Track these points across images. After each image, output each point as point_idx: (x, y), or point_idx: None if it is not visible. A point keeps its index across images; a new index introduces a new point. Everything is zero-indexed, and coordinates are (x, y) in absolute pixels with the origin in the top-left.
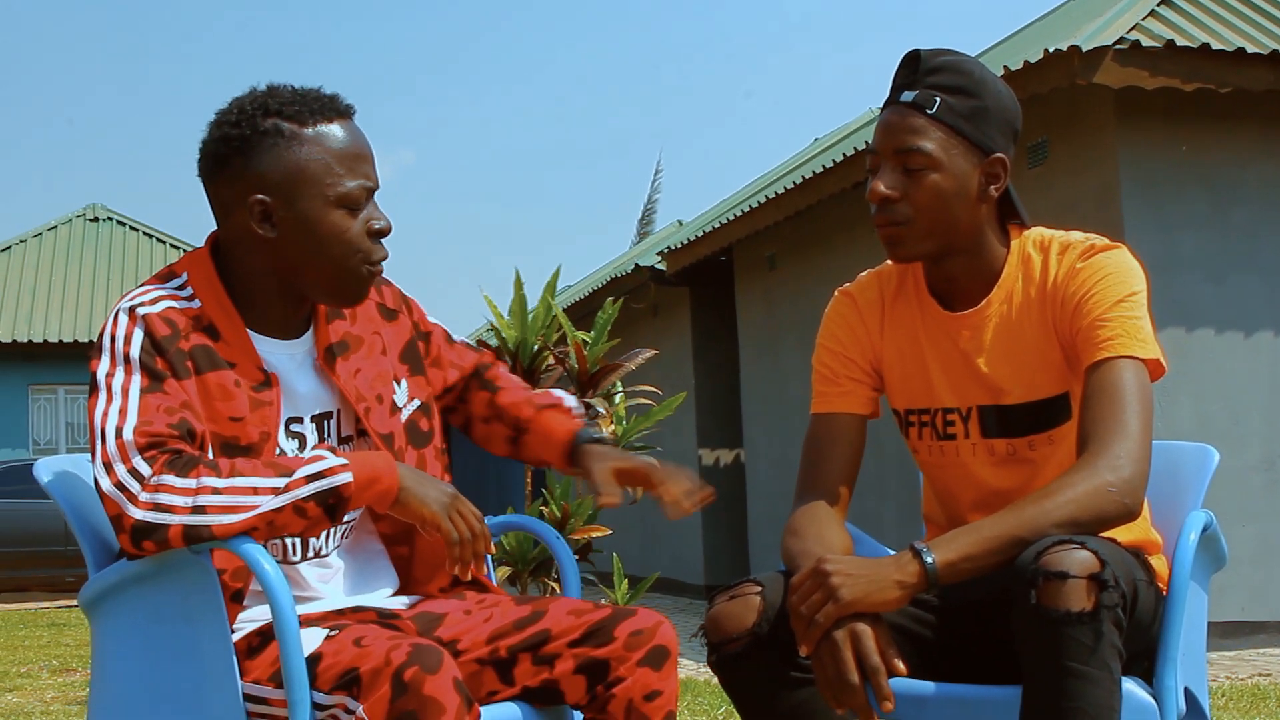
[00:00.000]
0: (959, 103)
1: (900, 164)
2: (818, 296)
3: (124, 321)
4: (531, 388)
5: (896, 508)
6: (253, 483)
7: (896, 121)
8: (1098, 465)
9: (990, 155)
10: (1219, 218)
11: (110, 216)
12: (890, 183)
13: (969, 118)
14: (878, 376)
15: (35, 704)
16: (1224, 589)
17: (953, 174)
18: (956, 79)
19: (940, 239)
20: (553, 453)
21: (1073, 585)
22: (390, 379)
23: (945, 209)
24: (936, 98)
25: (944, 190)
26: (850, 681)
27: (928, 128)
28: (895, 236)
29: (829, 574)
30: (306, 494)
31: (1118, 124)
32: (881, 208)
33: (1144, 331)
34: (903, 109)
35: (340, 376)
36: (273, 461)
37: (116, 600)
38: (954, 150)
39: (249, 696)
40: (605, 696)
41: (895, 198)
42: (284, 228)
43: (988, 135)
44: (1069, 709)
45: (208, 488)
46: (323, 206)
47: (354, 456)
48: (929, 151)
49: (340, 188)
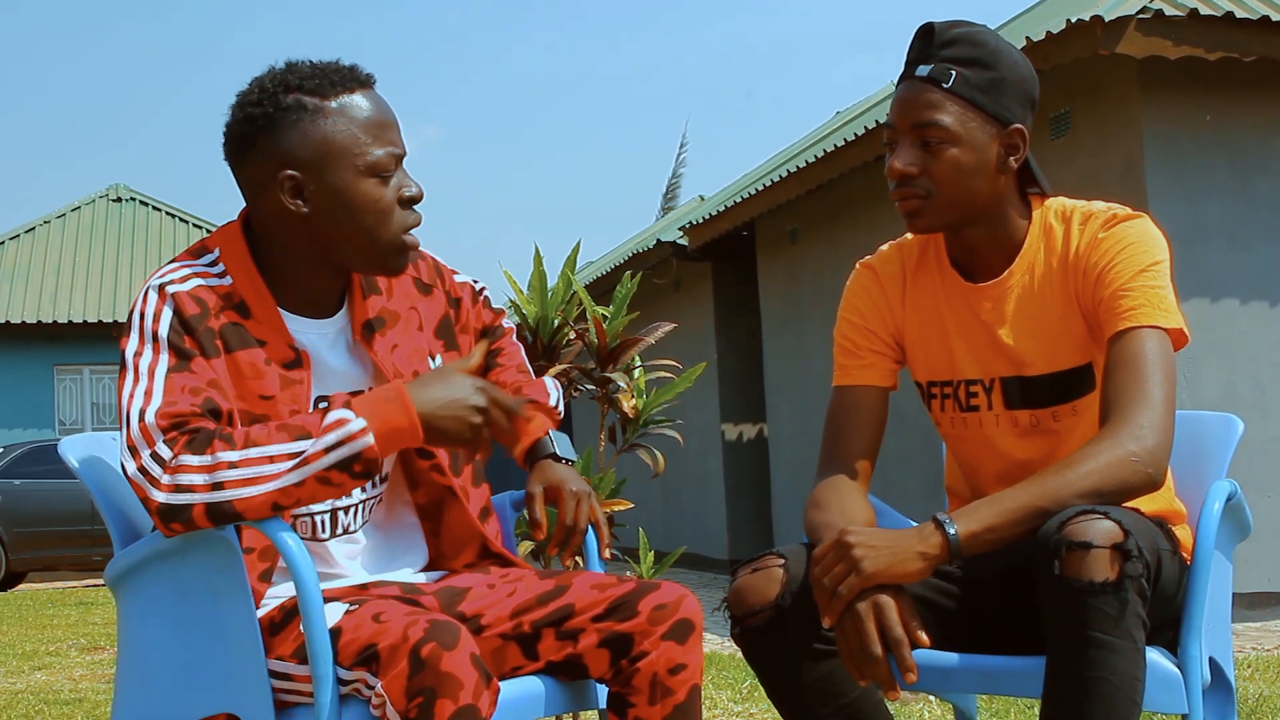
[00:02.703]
0: (975, 75)
1: (918, 139)
2: (840, 270)
3: (153, 299)
4: (529, 368)
5: (920, 479)
6: (268, 451)
7: (913, 96)
8: (1121, 435)
9: (1009, 126)
10: (1244, 187)
11: (133, 197)
12: (909, 158)
13: (985, 90)
14: (899, 349)
15: (64, 682)
16: (1250, 560)
17: (971, 147)
18: (972, 51)
19: (960, 211)
20: (516, 450)
21: (1096, 555)
22: (426, 354)
23: (964, 182)
24: (952, 71)
25: (963, 164)
26: (873, 653)
27: (944, 101)
28: (915, 209)
29: (852, 545)
30: (329, 463)
31: (1141, 94)
32: (901, 183)
33: (1167, 301)
34: (918, 83)
35: (378, 352)
36: (287, 424)
37: (142, 577)
38: (972, 123)
39: (273, 673)
40: (629, 670)
41: (914, 173)
42: (316, 201)
43: (1005, 107)
44: (1093, 679)
45: (223, 462)
46: (353, 177)
47: (372, 407)
48: (946, 125)
49: (369, 156)
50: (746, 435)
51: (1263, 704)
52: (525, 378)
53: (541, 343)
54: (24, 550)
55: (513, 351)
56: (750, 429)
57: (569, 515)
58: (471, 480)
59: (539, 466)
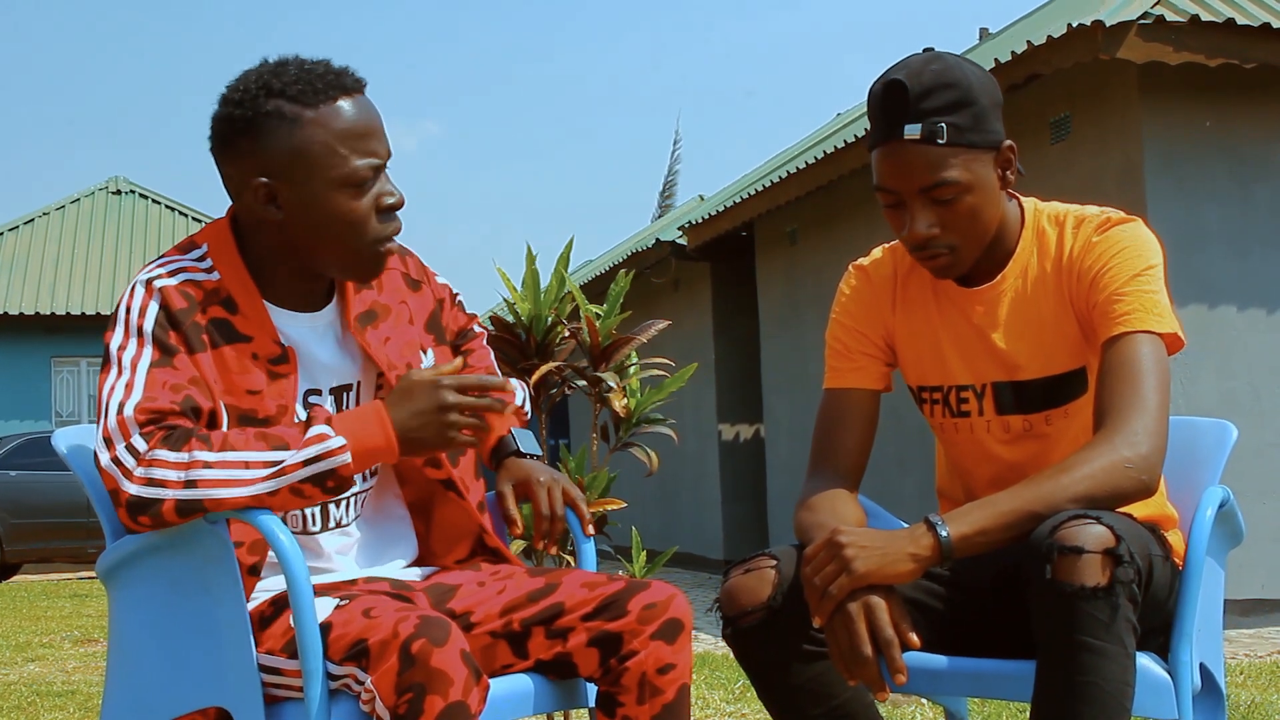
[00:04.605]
0: (962, 118)
1: (929, 199)
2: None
3: (140, 294)
4: (497, 370)
5: (916, 483)
6: (244, 457)
7: (911, 160)
8: (1115, 441)
9: (1000, 146)
10: (1243, 193)
11: (132, 189)
12: (927, 221)
13: (974, 128)
14: (891, 352)
15: (57, 674)
16: (1244, 566)
17: (980, 186)
18: (950, 95)
19: (983, 248)
20: (482, 450)
21: (1088, 560)
22: (418, 348)
23: (983, 222)
24: (941, 124)
25: (978, 206)
26: (863, 654)
27: (946, 157)
28: (945, 265)
29: (843, 546)
30: (303, 477)
31: (1141, 99)
32: (924, 246)
33: (1161, 305)
34: (911, 145)
35: (371, 344)
36: (266, 434)
37: (133, 569)
38: (974, 164)
39: (263, 667)
40: (618, 669)
41: (938, 234)
42: (289, 210)
43: (992, 130)
44: (1083, 683)
45: (199, 461)
46: (325, 190)
47: (351, 426)
48: (957, 180)
49: (343, 169)
50: (743, 436)
51: (1254, 710)
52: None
53: (534, 340)
54: (19, 542)
55: (482, 354)
56: (747, 429)
57: (544, 504)
58: (472, 473)
59: (505, 465)
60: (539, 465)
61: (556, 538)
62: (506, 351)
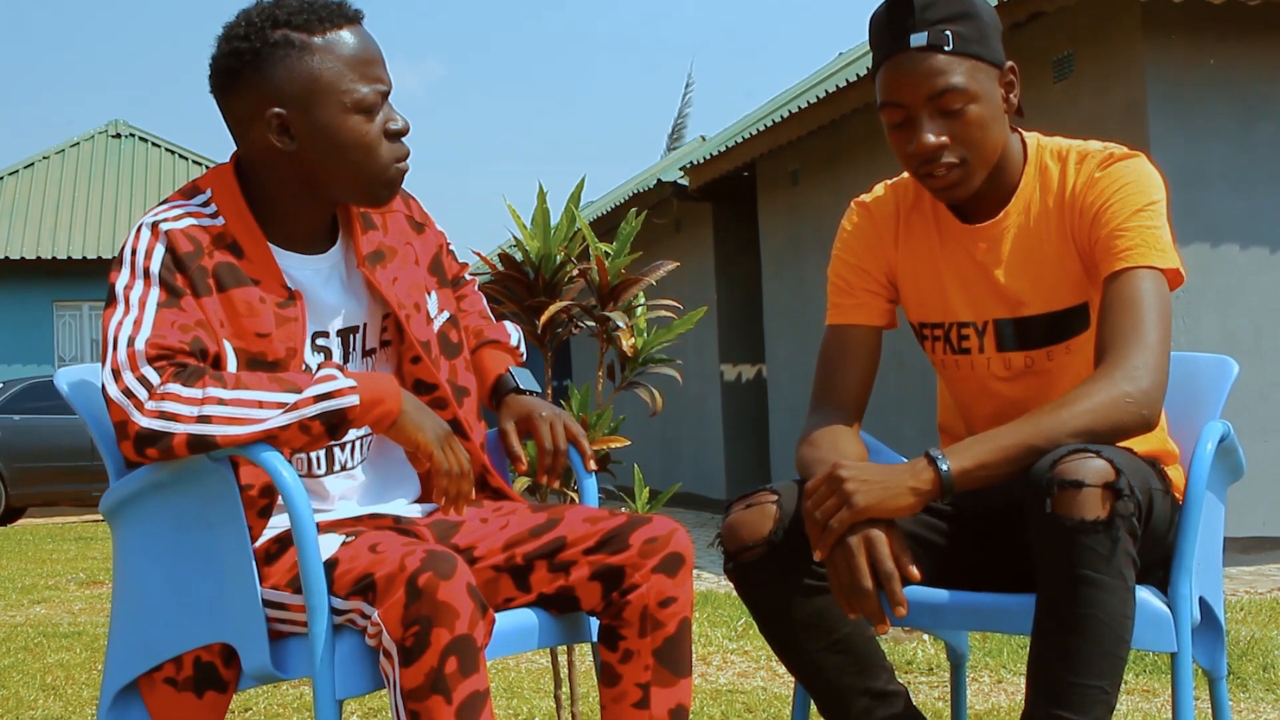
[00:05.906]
0: (966, 28)
1: (937, 109)
2: (841, 212)
3: (146, 236)
4: (490, 314)
5: (917, 423)
6: (258, 396)
7: (919, 68)
8: (1115, 376)
9: (1003, 66)
10: (1246, 132)
11: (133, 133)
12: (936, 130)
13: (979, 40)
14: (893, 289)
15: (63, 615)
16: (1245, 504)
17: (986, 99)
18: (954, 6)
19: (990, 167)
20: (481, 391)
21: (1088, 493)
22: (424, 289)
23: (990, 137)
24: (947, 31)
25: (985, 119)
26: (864, 587)
27: (952, 64)
28: (954, 180)
29: (844, 480)
30: (313, 413)
31: (1145, 37)
32: (932, 158)
33: (1163, 241)
34: (919, 54)
35: (381, 283)
36: (279, 377)
37: (137, 507)
38: (979, 75)
39: (268, 602)
40: (620, 603)
41: (948, 144)
42: (303, 139)
43: (995, 49)
44: (1083, 616)
45: (213, 398)
46: (340, 114)
47: (362, 378)
48: (964, 87)
49: (355, 94)
50: (745, 376)
51: (1254, 646)
52: (486, 322)
53: (543, 279)
54: (24, 485)
55: (474, 299)
56: (749, 370)
57: (546, 439)
58: (475, 414)
59: (506, 402)
60: (540, 401)
61: (559, 472)
62: (514, 289)
